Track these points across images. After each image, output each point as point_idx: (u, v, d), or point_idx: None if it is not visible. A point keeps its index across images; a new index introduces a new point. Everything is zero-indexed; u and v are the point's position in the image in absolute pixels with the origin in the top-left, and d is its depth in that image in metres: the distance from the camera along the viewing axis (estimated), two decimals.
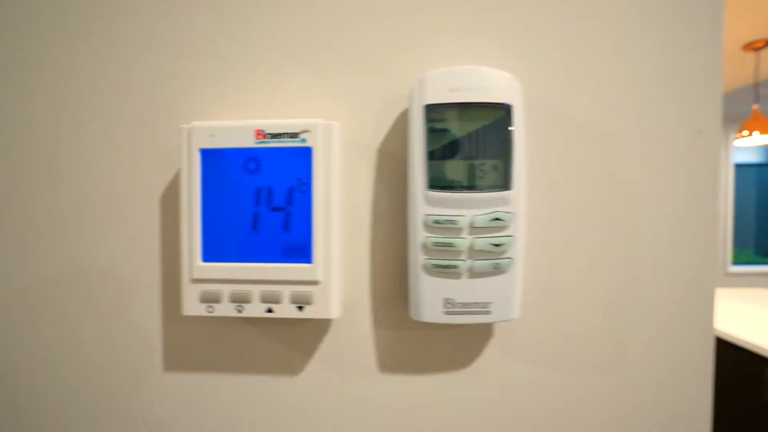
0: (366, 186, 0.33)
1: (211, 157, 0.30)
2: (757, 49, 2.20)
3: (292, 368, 0.34)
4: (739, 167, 4.24)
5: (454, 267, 0.29)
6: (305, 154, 0.29)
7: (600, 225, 0.32)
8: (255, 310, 0.30)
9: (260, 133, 0.30)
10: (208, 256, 0.30)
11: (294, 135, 0.29)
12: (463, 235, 0.29)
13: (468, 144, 0.29)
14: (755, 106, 2.33)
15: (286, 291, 0.30)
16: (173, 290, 0.34)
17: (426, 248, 0.29)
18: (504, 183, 0.29)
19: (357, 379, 0.34)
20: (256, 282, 0.30)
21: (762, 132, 2.25)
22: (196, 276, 0.30)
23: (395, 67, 0.32)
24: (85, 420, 0.36)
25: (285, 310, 0.30)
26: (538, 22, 0.31)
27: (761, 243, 4.44)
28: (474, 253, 0.29)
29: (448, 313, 0.29)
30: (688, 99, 0.31)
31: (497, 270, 0.29)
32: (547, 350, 0.33)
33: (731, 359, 1.70)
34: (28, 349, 0.36)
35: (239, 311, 0.30)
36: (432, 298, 0.29)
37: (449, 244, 0.29)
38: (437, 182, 0.29)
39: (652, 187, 0.32)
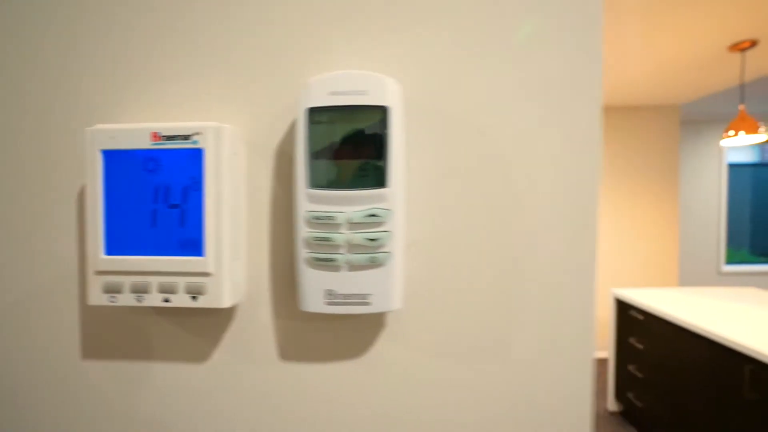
0: (265, 184, 0.35)
1: (112, 158, 0.32)
2: (743, 50, 2.20)
3: (198, 356, 0.36)
4: (733, 167, 4.24)
5: (333, 260, 0.31)
6: (197, 154, 0.32)
7: (483, 218, 0.34)
8: (153, 299, 0.32)
9: (156, 135, 0.32)
10: (111, 250, 0.33)
11: (186, 137, 0.31)
12: (341, 231, 0.31)
13: (347, 145, 0.31)
14: (741, 106, 2.34)
15: (182, 282, 0.32)
16: None
17: (307, 243, 0.31)
18: (380, 181, 0.30)
19: (258, 366, 0.36)
20: (154, 274, 0.32)
21: (748, 132, 2.26)
22: (99, 268, 0.32)
23: (295, 73, 0.34)
24: (5, 407, 0.38)
25: (180, 300, 0.32)
26: (424, 28, 0.33)
27: (756, 243, 4.44)
28: (352, 247, 0.31)
29: (329, 303, 0.31)
30: (568, 101, 0.33)
31: (374, 263, 0.31)
32: (436, 339, 0.35)
33: (714, 357, 1.71)
34: None
35: (139, 301, 0.32)
36: (314, 290, 0.31)
37: (327, 239, 0.31)
38: (318, 181, 0.31)
39: (532, 183, 0.33)
